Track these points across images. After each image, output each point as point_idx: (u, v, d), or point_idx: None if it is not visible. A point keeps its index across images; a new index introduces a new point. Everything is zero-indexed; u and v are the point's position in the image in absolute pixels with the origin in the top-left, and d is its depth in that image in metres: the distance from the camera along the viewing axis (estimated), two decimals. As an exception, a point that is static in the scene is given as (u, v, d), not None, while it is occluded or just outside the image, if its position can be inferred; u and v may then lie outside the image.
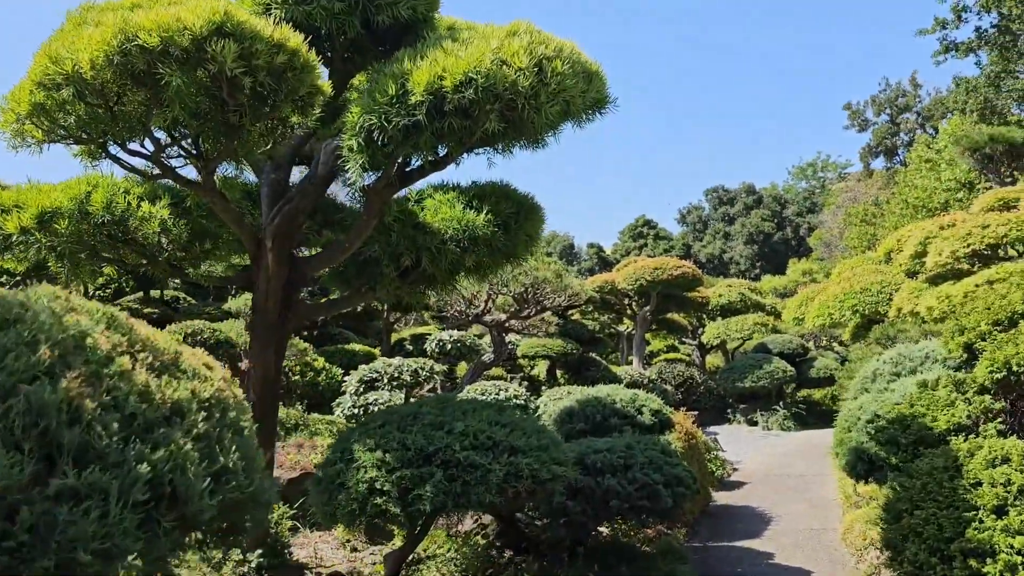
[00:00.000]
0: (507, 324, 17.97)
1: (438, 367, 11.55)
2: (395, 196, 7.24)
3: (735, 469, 16.06)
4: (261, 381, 6.37)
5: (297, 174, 7.48)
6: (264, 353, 6.36)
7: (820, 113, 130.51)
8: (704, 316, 31.19)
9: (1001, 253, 13.06)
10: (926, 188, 35.40)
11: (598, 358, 24.37)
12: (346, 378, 12.80)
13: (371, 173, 5.74)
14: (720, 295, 29.65)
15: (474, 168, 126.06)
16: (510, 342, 24.56)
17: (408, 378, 10.71)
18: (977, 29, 31.71)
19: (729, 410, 25.17)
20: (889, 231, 39.27)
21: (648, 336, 34.00)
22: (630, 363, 27.98)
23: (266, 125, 5.15)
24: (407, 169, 6.19)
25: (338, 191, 7.57)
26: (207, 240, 6.39)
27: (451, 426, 5.50)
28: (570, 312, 26.22)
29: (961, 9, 31.65)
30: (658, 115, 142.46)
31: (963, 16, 31.72)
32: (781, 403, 24.14)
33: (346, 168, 5.64)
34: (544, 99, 5.22)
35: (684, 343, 34.50)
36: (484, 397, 14.19)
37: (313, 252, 7.65)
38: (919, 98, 57.38)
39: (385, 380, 10.71)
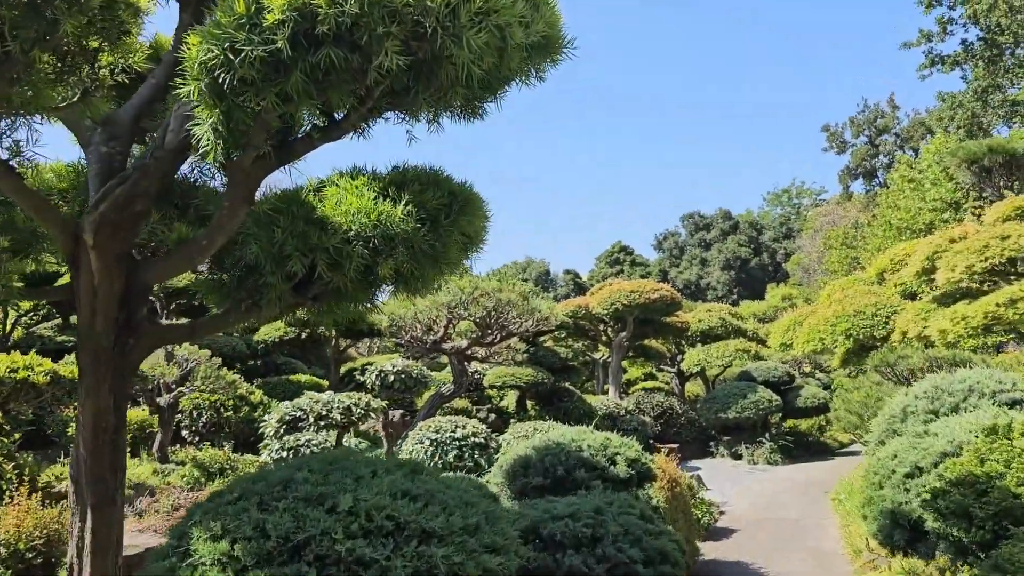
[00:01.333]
0: (469, 352, 16.25)
1: (376, 403, 9.78)
2: (291, 186, 5.54)
3: (722, 512, 14.35)
4: (93, 429, 4.61)
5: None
6: (97, 392, 4.63)
7: (797, 137, 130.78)
8: (683, 342, 29.63)
9: (1020, 268, 11.58)
10: (910, 209, 34.37)
11: (571, 388, 22.67)
12: (266, 417, 11.00)
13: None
14: (700, 320, 28.11)
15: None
16: (476, 371, 22.83)
17: (339, 416, 8.95)
18: (963, 42, 30.79)
19: (712, 442, 23.52)
20: (872, 254, 38.13)
21: (625, 364, 32.38)
22: (606, 392, 26.32)
23: (57, 57, 3.45)
24: (290, 139, 4.52)
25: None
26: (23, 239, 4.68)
27: (335, 500, 3.79)
28: (541, 339, 24.55)
29: (947, 21, 30.75)
30: (635, 141, 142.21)
31: (948, 29, 30.82)
32: (767, 435, 22.53)
33: (193, 134, 3.95)
34: (465, 21, 3.58)
35: (662, 371, 32.91)
36: (438, 435, 12.48)
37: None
38: (897, 120, 56.68)
39: (311, 419, 8.94)
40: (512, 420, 20.97)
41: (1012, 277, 11.78)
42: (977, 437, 5.06)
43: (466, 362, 16.59)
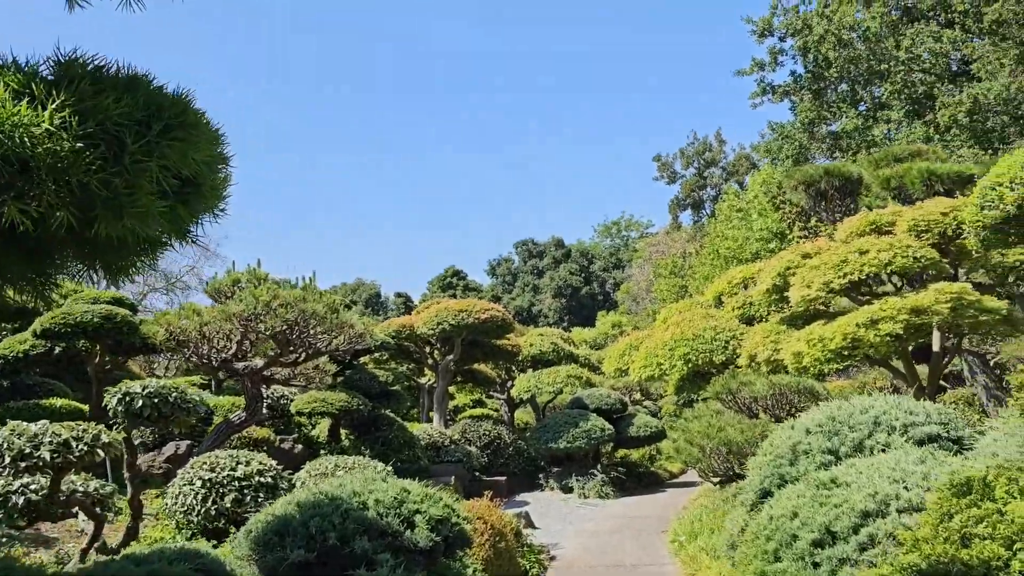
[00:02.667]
0: (267, 372, 13.86)
1: (109, 436, 7.33)
2: None
3: (552, 558, 12.69)
4: None
5: None
6: None
7: (633, 166, 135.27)
8: (514, 367, 28.22)
9: (877, 287, 10.73)
10: (737, 239, 34.91)
11: (392, 415, 20.51)
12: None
13: None
14: (532, 344, 26.77)
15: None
16: (283, 396, 20.25)
17: (49, 455, 6.46)
18: (793, 73, 31.63)
19: (541, 475, 22.04)
20: (700, 282, 38.56)
21: (452, 389, 30.59)
22: (432, 420, 24.36)
23: None
24: None
25: None
26: None
27: None
28: (361, 360, 22.29)
29: (778, 52, 31.50)
30: (469, 168, 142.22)
31: (779, 59, 31.58)
32: (599, 466, 21.33)
33: None
34: None
35: (492, 397, 31.38)
36: (213, 475, 10.08)
37: None
38: (724, 154, 58.89)
39: (7, 459, 6.40)
40: (322, 452, 18.57)
41: (863, 297, 10.92)
42: (937, 495, 3.58)
43: (263, 385, 14.17)
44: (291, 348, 13.25)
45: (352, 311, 15.03)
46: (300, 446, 18.95)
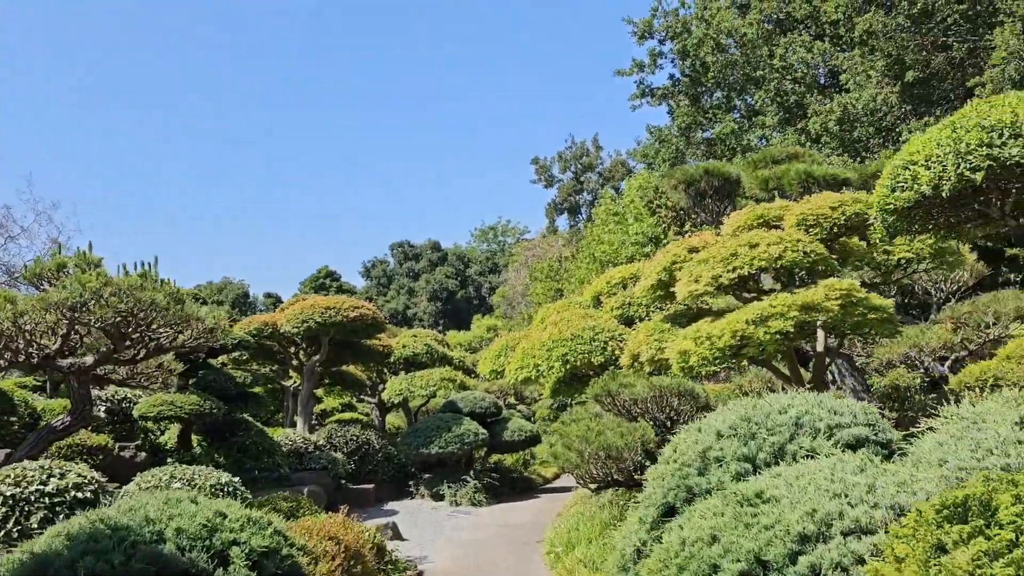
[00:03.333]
0: (99, 371, 12.24)
1: None
2: None
3: (419, 574, 11.70)
4: None
5: None
6: None
7: (509, 171, 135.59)
8: (386, 370, 26.97)
9: (765, 284, 10.32)
10: (613, 243, 34.94)
11: (251, 419, 18.96)
12: None
13: None
14: (405, 346, 25.62)
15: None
16: (126, 398, 18.38)
17: None
18: (671, 77, 31.77)
19: (412, 482, 20.96)
20: (575, 285, 38.44)
21: (321, 392, 29.04)
22: (296, 425, 22.83)
23: None
24: None
25: None
26: None
27: None
28: (219, 360, 20.58)
29: (657, 54, 31.60)
30: (346, 168, 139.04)
31: (658, 62, 31.70)
32: (471, 472, 20.44)
33: None
34: None
35: (363, 400, 30.00)
36: (19, 490, 8.57)
37: None
38: (601, 159, 59.25)
39: None
40: (169, 460, 16.86)
41: (749, 294, 10.50)
42: (915, 519, 2.85)
43: (96, 385, 12.52)
44: (127, 343, 11.68)
45: (204, 306, 13.53)
46: (143, 454, 17.17)
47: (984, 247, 16.99)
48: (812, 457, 4.16)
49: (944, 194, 5.73)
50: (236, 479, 10.22)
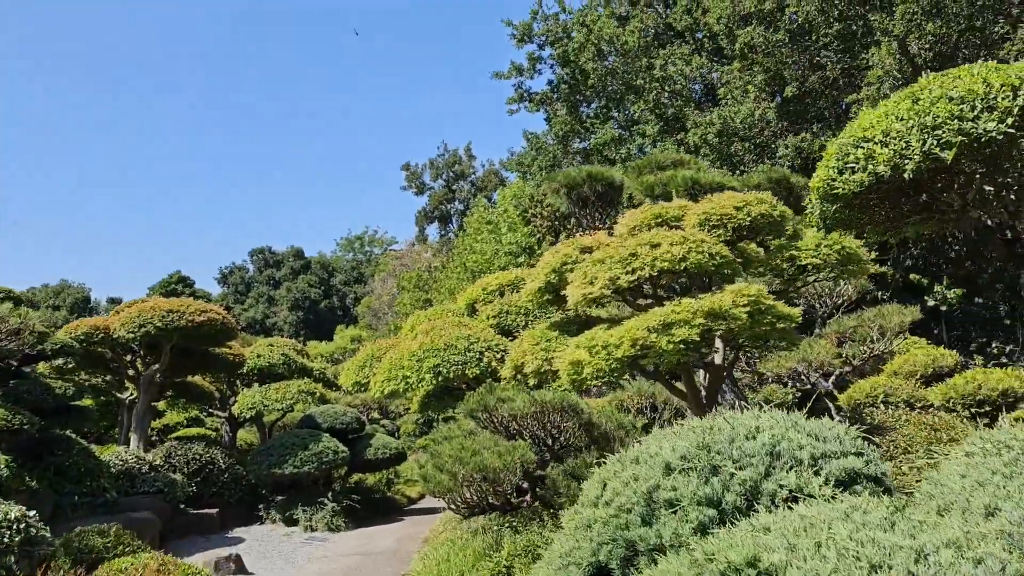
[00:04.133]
0: None
1: None
2: None
3: (265, 618, 10.08)
4: None
5: None
6: None
7: (378, 177, 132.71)
8: (238, 381, 24.77)
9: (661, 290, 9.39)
10: (485, 252, 34.02)
11: (73, 436, 16.55)
12: None
13: None
14: (259, 355, 23.56)
15: None
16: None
17: None
18: (550, 83, 31.05)
19: (263, 505, 19.01)
20: (445, 295, 37.20)
21: (163, 406, 26.41)
22: (131, 442, 20.37)
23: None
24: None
25: None
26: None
27: None
28: (37, 368, 18.02)
29: (536, 59, 30.85)
30: (203, 170, 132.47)
31: (537, 67, 30.96)
32: (330, 493, 18.73)
33: None
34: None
35: (212, 415, 27.56)
36: None
37: None
38: (474, 168, 58.23)
39: None
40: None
41: (646, 300, 9.56)
42: None
43: None
44: (-98, 345, 9.54)
45: (19, 306, 11.43)
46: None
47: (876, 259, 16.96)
48: (796, 499, 3.11)
49: (907, 175, 4.90)
50: (32, 513, 8.32)
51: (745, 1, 20.80)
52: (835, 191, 5.43)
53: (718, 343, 9.71)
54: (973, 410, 10.62)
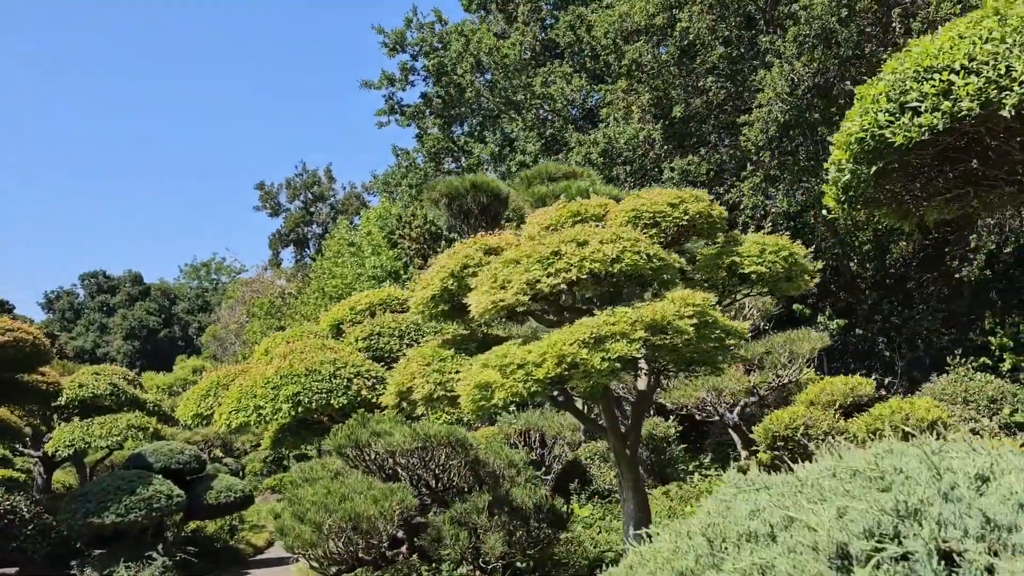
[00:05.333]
0: None
1: None
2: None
3: None
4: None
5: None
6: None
7: (228, 197, 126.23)
8: (56, 415, 21.40)
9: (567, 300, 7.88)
10: (346, 276, 31.90)
11: None
12: None
13: None
14: (82, 385, 20.37)
15: None
16: None
17: None
18: (423, 95, 29.32)
19: (77, 561, 16.02)
20: (299, 322, 34.57)
21: (-41, 444, 22.57)
22: (-90, 488, 16.85)
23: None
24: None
25: None
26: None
27: None
28: None
29: (409, 69, 29.19)
30: (33, 184, 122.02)
31: (410, 78, 29.29)
32: (161, 546, 16.01)
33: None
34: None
35: (22, 453, 23.85)
36: None
37: None
38: (334, 191, 55.39)
39: None
40: None
41: (567, 314, 8.04)
42: None
43: None
44: None
45: None
46: None
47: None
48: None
49: (1008, 113, 3.59)
50: None
51: (635, 15, 20.17)
52: (887, 142, 4.03)
53: (643, 364, 8.32)
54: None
